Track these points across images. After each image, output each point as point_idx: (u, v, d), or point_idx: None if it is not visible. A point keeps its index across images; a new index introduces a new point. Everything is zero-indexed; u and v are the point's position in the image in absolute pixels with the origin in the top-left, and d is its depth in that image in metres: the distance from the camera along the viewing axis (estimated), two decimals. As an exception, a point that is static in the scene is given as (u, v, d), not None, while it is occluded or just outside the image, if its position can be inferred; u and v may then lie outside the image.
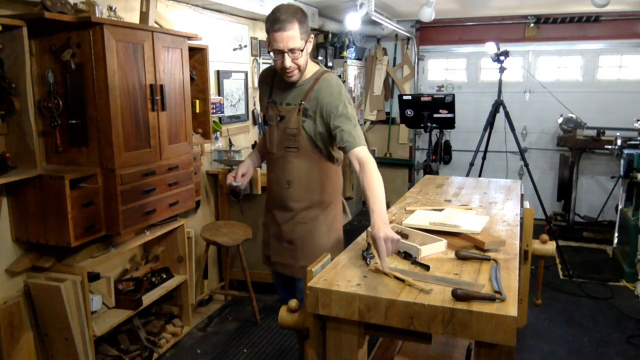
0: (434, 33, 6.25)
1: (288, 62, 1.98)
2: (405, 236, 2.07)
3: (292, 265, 2.26)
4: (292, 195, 2.19)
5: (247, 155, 2.45)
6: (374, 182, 1.88)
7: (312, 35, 2.08)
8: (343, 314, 1.61)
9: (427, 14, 4.63)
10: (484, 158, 4.68)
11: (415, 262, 1.82)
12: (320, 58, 5.62)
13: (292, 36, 1.93)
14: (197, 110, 3.42)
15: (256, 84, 4.52)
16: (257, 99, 4.59)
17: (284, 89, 2.16)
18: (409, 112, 4.95)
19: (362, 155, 1.97)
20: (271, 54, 2.02)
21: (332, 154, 2.20)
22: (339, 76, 5.65)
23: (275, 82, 2.20)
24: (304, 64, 2.05)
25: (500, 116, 4.43)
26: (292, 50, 1.96)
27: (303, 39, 1.98)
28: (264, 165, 2.59)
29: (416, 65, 6.35)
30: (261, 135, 2.49)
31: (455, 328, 1.47)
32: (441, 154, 5.41)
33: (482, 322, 1.44)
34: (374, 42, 6.43)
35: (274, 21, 1.93)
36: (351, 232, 2.41)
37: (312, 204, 2.22)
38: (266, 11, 4.12)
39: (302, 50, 1.99)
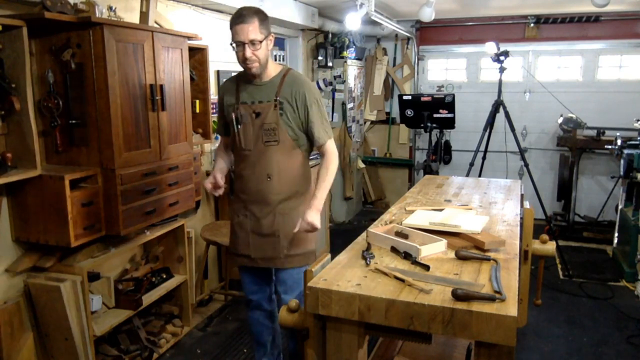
0: (434, 33, 6.25)
1: (248, 52, 2.17)
2: (405, 236, 2.07)
3: (276, 257, 2.36)
4: (273, 188, 2.30)
5: (214, 162, 2.50)
6: (329, 174, 2.30)
7: (272, 36, 2.29)
8: (343, 314, 1.61)
9: (427, 14, 4.63)
10: (484, 158, 4.68)
11: (415, 262, 1.83)
12: (320, 58, 5.63)
13: (252, 30, 2.15)
14: (197, 110, 3.42)
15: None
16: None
17: (251, 89, 2.32)
18: (409, 112, 4.95)
19: (329, 149, 2.33)
20: (234, 45, 2.22)
21: (306, 143, 2.37)
22: (339, 76, 5.67)
23: (240, 87, 2.35)
24: (263, 58, 2.23)
25: (500, 116, 4.43)
26: (252, 42, 2.16)
27: (262, 34, 2.19)
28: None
29: (416, 65, 6.35)
30: (219, 140, 2.59)
31: (455, 328, 1.47)
32: (441, 154, 5.41)
33: (482, 322, 1.44)
34: (374, 42, 6.43)
35: (237, 17, 2.17)
36: (351, 232, 2.41)
37: (291, 194, 2.34)
38: (266, 11, 4.10)
39: (261, 42, 2.19)
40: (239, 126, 2.30)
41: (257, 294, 2.54)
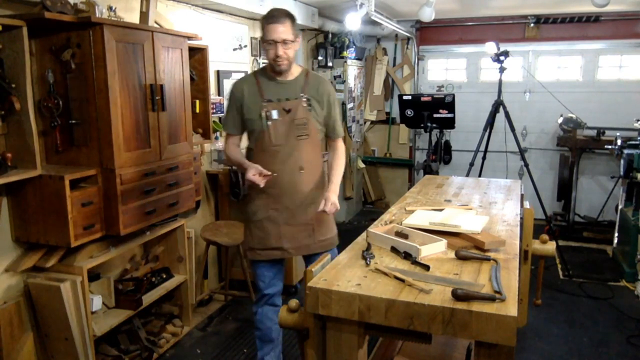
0: (434, 33, 6.25)
1: (280, 50, 2.29)
2: (405, 236, 2.07)
3: (310, 244, 2.51)
4: (304, 179, 2.45)
5: (240, 158, 2.48)
6: (341, 165, 2.56)
7: (300, 39, 2.42)
8: (343, 314, 1.61)
9: (427, 14, 4.63)
10: (484, 158, 4.68)
11: (415, 262, 1.82)
12: (320, 58, 5.63)
13: (285, 30, 2.28)
14: (197, 110, 3.42)
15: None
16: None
17: (276, 87, 2.42)
18: (409, 112, 4.95)
19: (341, 143, 2.60)
20: (266, 44, 2.33)
21: (324, 137, 2.57)
22: (339, 76, 5.67)
23: (262, 85, 2.42)
24: (292, 57, 2.37)
25: (500, 116, 4.43)
26: (284, 42, 2.28)
27: (293, 35, 2.32)
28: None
29: (416, 65, 6.35)
30: (227, 139, 2.60)
31: (455, 328, 1.47)
32: (441, 154, 5.41)
33: (482, 322, 1.44)
34: (374, 42, 6.43)
35: (270, 16, 2.30)
36: (351, 232, 2.42)
37: (318, 183, 2.52)
38: (266, 11, 4.13)
39: (292, 42, 2.32)
40: (269, 123, 2.37)
41: (273, 288, 2.58)
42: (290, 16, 2.32)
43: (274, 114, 2.38)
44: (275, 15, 2.28)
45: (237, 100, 2.44)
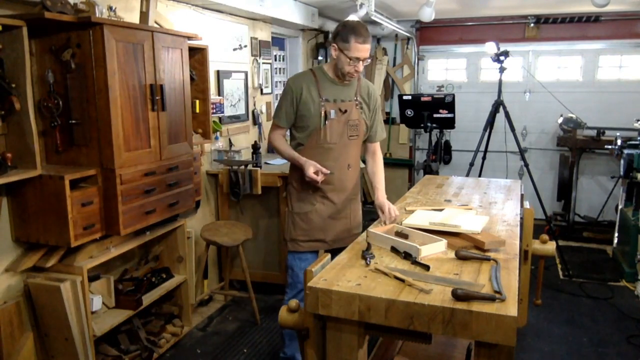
0: (434, 33, 6.25)
1: (361, 67, 2.42)
2: (405, 236, 2.08)
3: (347, 237, 2.60)
4: (351, 176, 2.60)
5: (292, 152, 2.54)
6: (382, 168, 2.68)
7: None
8: (343, 314, 1.61)
9: (427, 14, 4.63)
10: (484, 158, 4.68)
11: (415, 262, 1.83)
12: (320, 58, 5.63)
13: (369, 49, 2.42)
14: (197, 110, 3.42)
15: (256, 84, 4.53)
16: (257, 98, 4.59)
17: (334, 89, 2.51)
18: (409, 112, 4.94)
19: (379, 148, 2.73)
20: (347, 59, 2.38)
21: None
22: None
23: (320, 84, 2.50)
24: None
25: (500, 116, 4.43)
26: (364, 60, 2.40)
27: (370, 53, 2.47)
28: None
29: (416, 65, 6.35)
30: (274, 131, 2.66)
31: (455, 328, 1.47)
32: (441, 154, 5.41)
33: (482, 322, 1.44)
34: (374, 42, 6.43)
35: (360, 34, 2.35)
36: (351, 232, 2.41)
37: (357, 181, 2.68)
38: (266, 11, 4.15)
39: (369, 61, 2.48)
40: (327, 122, 2.47)
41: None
42: (370, 35, 2.43)
43: (332, 114, 2.48)
44: (364, 35, 2.35)
45: (295, 95, 2.49)
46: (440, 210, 2.46)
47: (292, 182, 2.62)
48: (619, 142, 4.49)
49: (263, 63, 4.59)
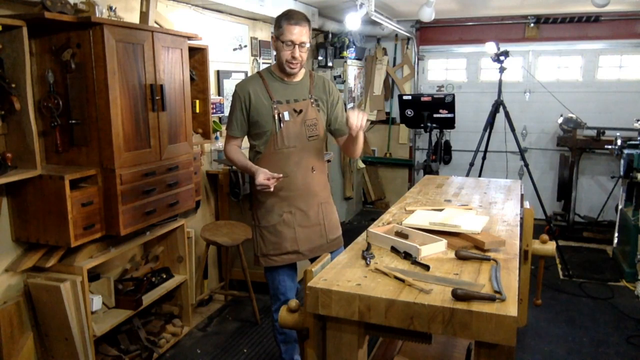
0: (434, 33, 6.25)
1: (297, 52, 2.28)
2: (405, 236, 2.07)
3: (322, 244, 2.48)
4: (318, 179, 2.46)
5: (245, 161, 2.41)
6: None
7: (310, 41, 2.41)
8: (343, 314, 1.61)
9: (427, 14, 4.63)
10: (484, 158, 4.68)
11: (415, 262, 1.82)
12: (320, 58, 5.62)
13: (305, 33, 2.29)
14: (197, 110, 3.42)
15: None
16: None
17: (284, 89, 2.39)
18: (409, 112, 4.94)
19: None
20: (283, 45, 2.28)
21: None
22: (339, 76, 5.67)
23: (269, 87, 2.38)
24: (304, 60, 2.35)
25: (500, 116, 4.43)
26: (301, 44, 2.28)
27: (309, 39, 2.34)
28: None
29: (416, 65, 6.35)
30: (228, 142, 2.51)
31: (455, 328, 1.47)
32: (441, 154, 5.40)
33: (482, 322, 1.44)
34: (374, 42, 6.43)
35: (290, 17, 2.27)
36: (351, 232, 2.42)
37: (325, 183, 2.54)
38: (266, 11, 4.14)
39: (307, 45, 2.32)
40: (282, 125, 2.35)
41: (292, 291, 2.51)
42: (308, 20, 2.33)
43: (286, 115, 2.35)
44: (295, 17, 2.27)
45: (243, 101, 2.37)
46: (440, 210, 2.46)
47: (256, 194, 2.45)
48: (619, 142, 4.49)
49: (263, 63, 4.59)
